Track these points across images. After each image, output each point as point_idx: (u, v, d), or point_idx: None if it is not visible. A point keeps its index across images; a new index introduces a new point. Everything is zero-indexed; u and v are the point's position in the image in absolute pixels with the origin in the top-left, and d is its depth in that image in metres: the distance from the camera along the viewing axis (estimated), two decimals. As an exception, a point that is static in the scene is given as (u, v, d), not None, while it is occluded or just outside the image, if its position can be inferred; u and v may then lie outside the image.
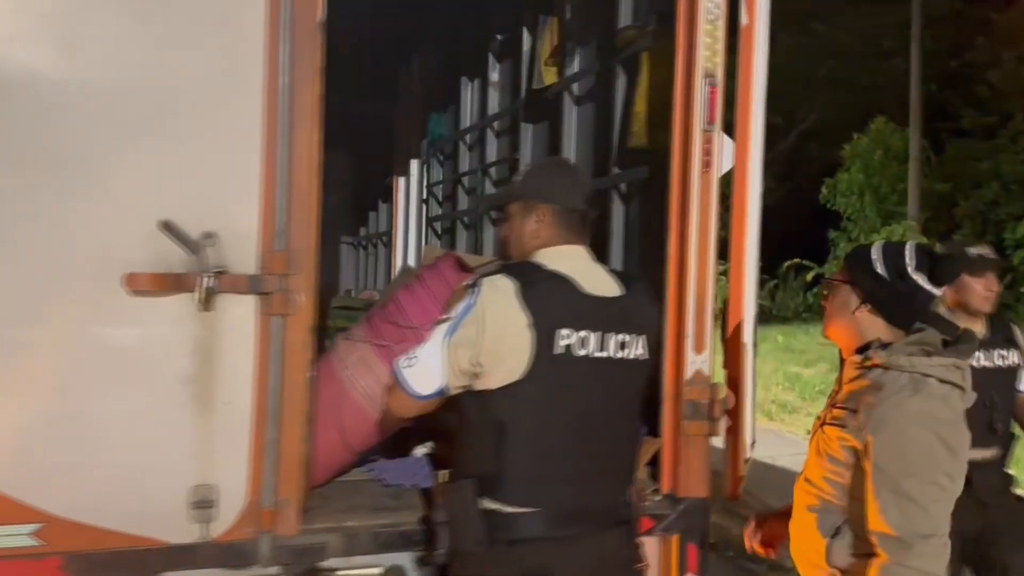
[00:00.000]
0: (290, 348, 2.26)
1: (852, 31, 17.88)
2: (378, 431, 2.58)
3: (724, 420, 2.65)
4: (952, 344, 1.96)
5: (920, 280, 1.96)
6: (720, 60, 2.61)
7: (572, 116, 3.85)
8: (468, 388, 2.00)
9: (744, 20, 2.64)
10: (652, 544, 2.58)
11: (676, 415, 2.60)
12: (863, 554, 1.89)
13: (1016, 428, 3.21)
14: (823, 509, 2.00)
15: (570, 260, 2.09)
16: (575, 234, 2.14)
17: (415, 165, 6.12)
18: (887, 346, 1.97)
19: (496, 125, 4.98)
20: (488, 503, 1.97)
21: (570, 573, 2.01)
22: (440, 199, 6.16)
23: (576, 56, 3.85)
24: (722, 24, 2.60)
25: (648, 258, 2.83)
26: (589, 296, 2.03)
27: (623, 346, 2.06)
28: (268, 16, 2.22)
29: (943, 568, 1.80)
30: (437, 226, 6.12)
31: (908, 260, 1.97)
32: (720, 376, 2.68)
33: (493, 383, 1.96)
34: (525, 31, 4.36)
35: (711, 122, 2.59)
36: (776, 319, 16.18)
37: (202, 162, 2.20)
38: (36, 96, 2.10)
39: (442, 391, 2.00)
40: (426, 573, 2.35)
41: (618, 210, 3.42)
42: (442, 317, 2.05)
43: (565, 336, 1.97)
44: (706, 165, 2.59)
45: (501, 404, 1.96)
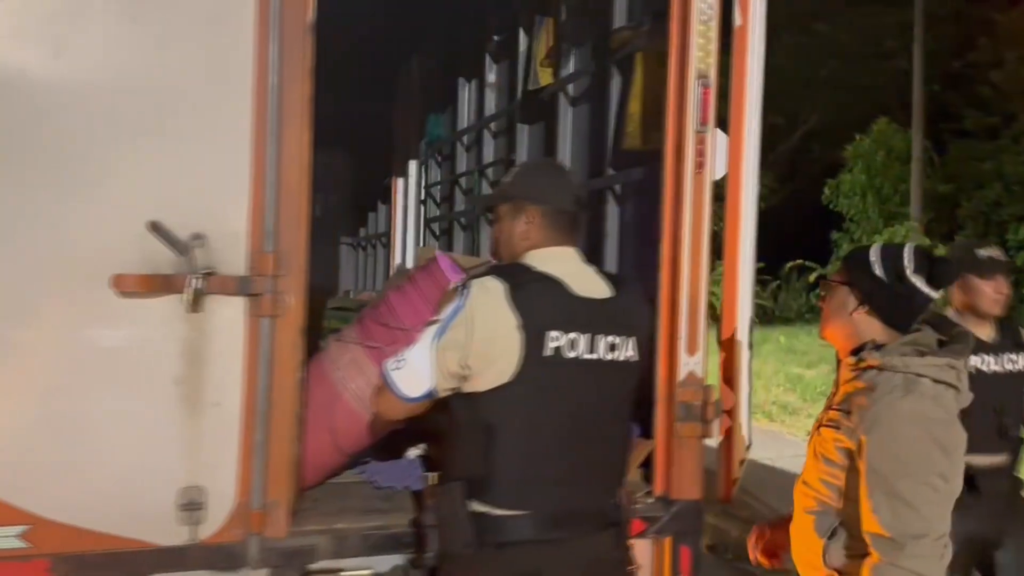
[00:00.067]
0: (279, 349, 2.25)
1: (854, 32, 17.86)
2: (369, 433, 2.57)
3: (718, 422, 2.64)
4: (947, 344, 1.95)
5: (918, 282, 1.94)
6: (713, 61, 2.60)
7: (568, 117, 3.84)
8: (457, 390, 1.99)
9: (738, 21, 2.63)
10: (645, 546, 2.57)
11: (669, 417, 2.60)
12: (858, 555, 1.88)
13: None
14: (820, 511, 2.00)
15: (560, 261, 2.07)
16: (565, 235, 2.12)
17: (413, 166, 6.14)
18: (881, 347, 1.96)
19: (493, 126, 4.97)
20: (477, 506, 1.96)
21: (560, 576, 1.99)
22: (438, 200, 6.16)
23: (571, 57, 3.85)
24: (715, 25, 2.60)
25: (648, 260, 2.81)
26: (579, 298, 2.02)
27: (613, 348, 2.05)
28: (257, 16, 2.22)
29: (941, 569, 1.78)
30: (435, 227, 6.11)
31: (907, 262, 1.96)
32: (715, 377, 2.67)
33: (482, 385, 1.95)
34: (521, 32, 4.35)
35: (704, 123, 2.58)
36: (779, 320, 16.18)
37: (190, 163, 2.19)
38: (23, 97, 2.10)
39: (431, 393, 1.99)
40: (416, 576, 2.34)
41: (614, 211, 3.41)
42: (431, 319, 2.04)
43: (555, 338, 1.96)
44: (699, 166, 2.58)
45: (490, 406, 1.95)
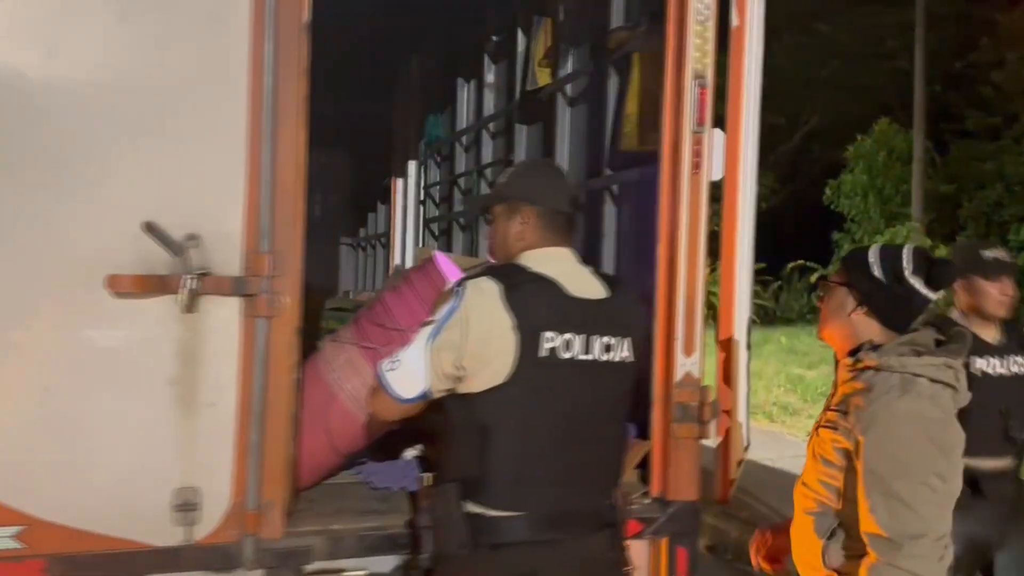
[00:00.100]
0: (275, 350, 2.25)
1: (855, 32, 17.84)
2: (365, 434, 2.57)
3: (715, 423, 2.64)
4: (944, 344, 1.95)
5: (917, 284, 1.94)
6: (710, 61, 2.59)
7: (566, 117, 3.84)
8: (452, 391, 1.99)
9: (735, 21, 2.63)
10: (642, 547, 2.57)
11: (666, 418, 2.59)
12: (857, 555, 1.87)
13: None
14: (820, 512, 1.99)
15: (555, 262, 2.07)
16: (560, 236, 2.12)
17: (413, 166, 6.14)
18: (878, 347, 1.96)
19: (492, 126, 4.97)
20: (472, 507, 1.95)
21: (554, 577, 1.99)
22: (437, 200, 6.16)
23: (570, 57, 3.84)
24: (712, 25, 2.59)
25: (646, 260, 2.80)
26: (574, 298, 2.02)
27: (608, 348, 2.04)
28: (253, 17, 2.21)
29: (940, 570, 1.77)
30: (434, 227, 6.11)
31: (905, 263, 1.95)
32: (712, 378, 2.67)
33: (477, 386, 1.94)
34: (520, 32, 4.35)
35: (701, 123, 2.57)
36: (780, 320, 16.17)
37: (186, 163, 2.19)
38: (18, 97, 2.09)
39: (425, 394, 1.99)
40: (411, 577, 2.34)
41: (612, 211, 3.41)
42: (426, 320, 2.04)
43: (550, 339, 1.95)
44: (696, 167, 2.58)
45: (485, 407, 1.94)
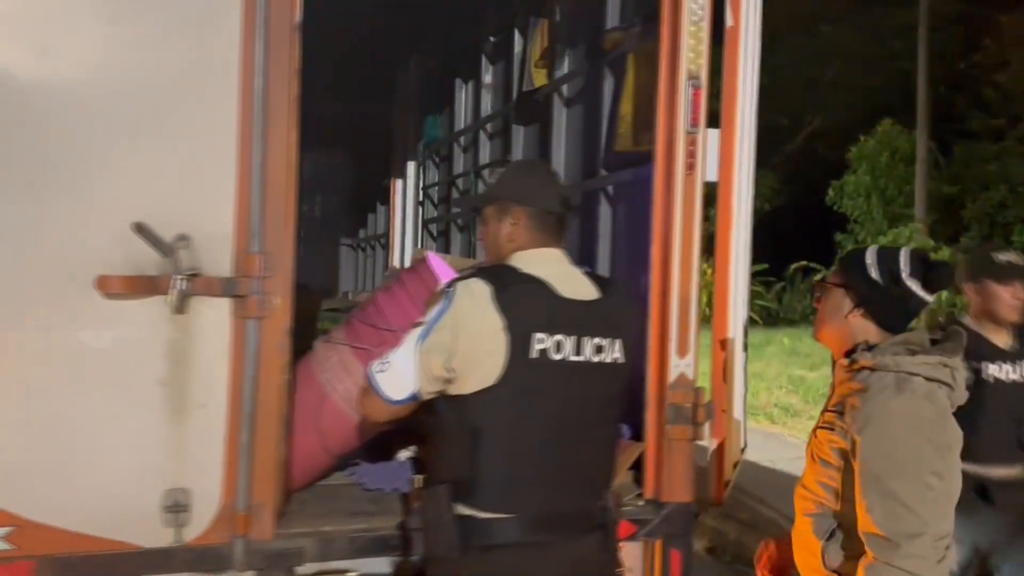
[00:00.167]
0: (265, 351, 2.25)
1: (859, 33, 17.82)
2: (357, 435, 2.56)
3: (709, 424, 2.63)
4: (940, 343, 1.95)
5: (913, 286, 1.94)
6: (704, 62, 2.59)
7: (562, 118, 3.83)
8: (442, 393, 1.98)
9: (729, 21, 2.62)
10: (635, 549, 2.56)
11: (659, 419, 2.59)
12: (856, 556, 1.87)
13: None
14: (819, 513, 1.99)
15: (546, 263, 2.06)
16: (551, 237, 2.11)
17: (411, 167, 6.15)
18: (873, 348, 1.95)
19: (489, 127, 4.97)
20: (462, 508, 1.94)
21: (545, 579, 1.98)
22: (435, 201, 6.16)
23: (565, 58, 3.84)
24: (706, 26, 2.58)
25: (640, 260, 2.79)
26: (565, 299, 2.01)
27: (599, 350, 2.04)
28: (244, 17, 2.21)
29: (939, 570, 1.77)
30: (433, 228, 6.12)
31: (902, 265, 1.95)
32: (706, 379, 2.66)
33: (467, 387, 1.94)
34: (517, 33, 4.35)
35: (695, 124, 2.57)
36: (783, 321, 16.13)
37: (176, 163, 2.19)
38: (7, 97, 2.09)
39: (415, 396, 1.98)
40: (402, 579, 2.33)
41: (607, 212, 3.40)
42: (417, 321, 2.03)
43: (540, 340, 1.95)
44: (690, 167, 2.57)
45: (475, 409, 1.94)
